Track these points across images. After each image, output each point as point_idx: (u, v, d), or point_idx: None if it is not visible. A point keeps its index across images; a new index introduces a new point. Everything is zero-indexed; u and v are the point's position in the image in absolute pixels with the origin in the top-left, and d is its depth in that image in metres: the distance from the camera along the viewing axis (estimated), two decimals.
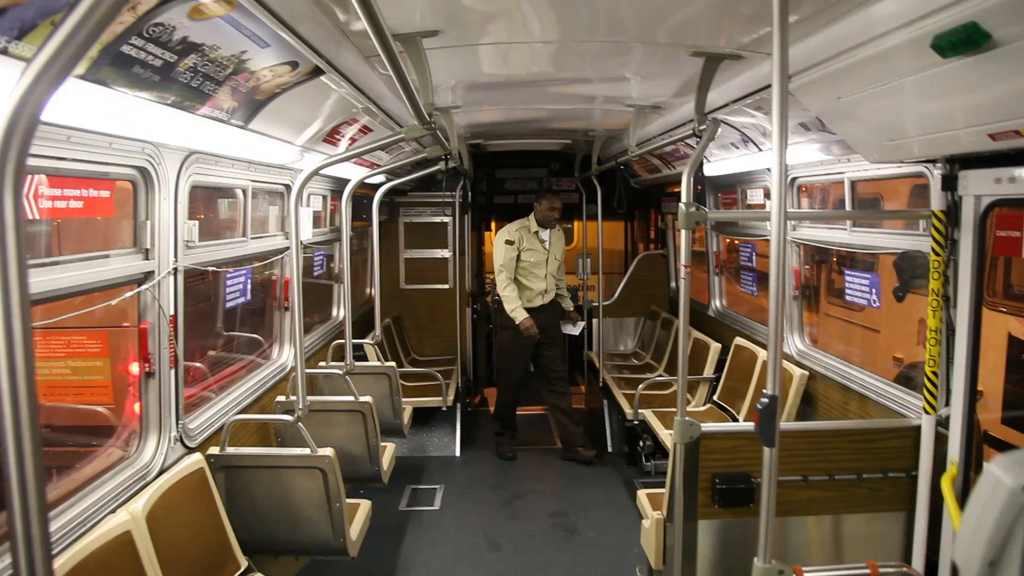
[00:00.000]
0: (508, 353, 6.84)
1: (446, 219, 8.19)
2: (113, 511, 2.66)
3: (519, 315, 6.49)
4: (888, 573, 2.33)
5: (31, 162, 2.25)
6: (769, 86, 3.02)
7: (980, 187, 2.84)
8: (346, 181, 5.37)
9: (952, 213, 3.00)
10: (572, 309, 7.18)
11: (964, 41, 1.89)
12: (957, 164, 2.95)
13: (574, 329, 7.21)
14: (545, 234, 6.72)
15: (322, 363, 5.38)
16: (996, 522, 1.19)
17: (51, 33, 0.92)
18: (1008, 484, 1.16)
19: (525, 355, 6.76)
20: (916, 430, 3.19)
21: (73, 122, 2.24)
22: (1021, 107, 2.07)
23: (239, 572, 3.18)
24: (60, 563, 2.21)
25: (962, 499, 2.91)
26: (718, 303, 6.82)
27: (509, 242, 6.58)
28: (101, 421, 3.37)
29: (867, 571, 2.19)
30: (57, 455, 3.24)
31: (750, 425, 2.41)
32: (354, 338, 5.31)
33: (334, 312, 6.62)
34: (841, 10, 2.27)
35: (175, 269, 3.17)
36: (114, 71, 2.00)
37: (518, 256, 6.58)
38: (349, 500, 3.72)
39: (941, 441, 3.09)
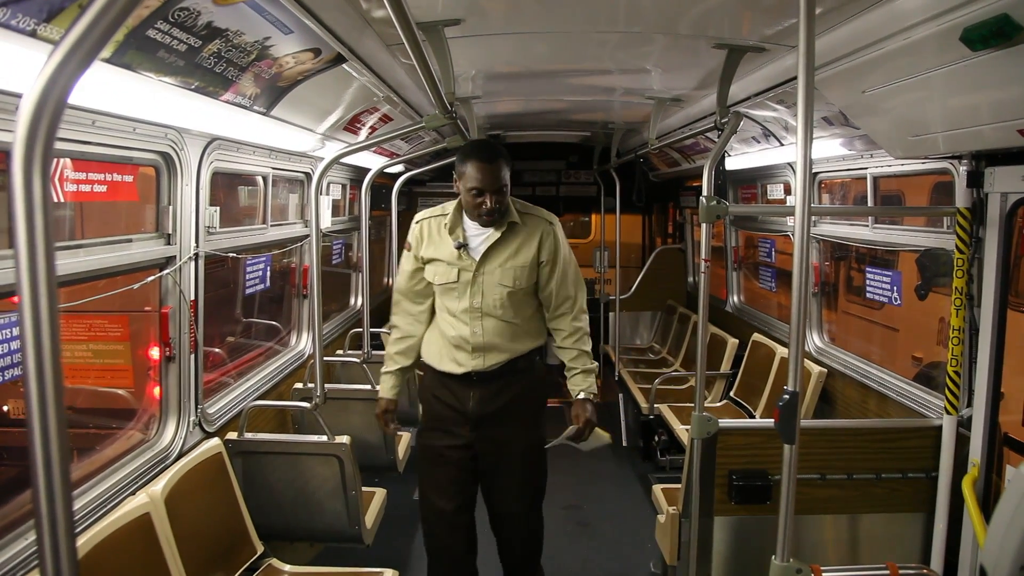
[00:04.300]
0: (420, 468, 3.41)
1: None
2: (132, 493, 2.69)
3: (381, 388, 3.41)
4: (908, 574, 2.31)
5: (57, 146, 2.28)
6: (792, 79, 3.00)
7: (1007, 184, 2.79)
8: (366, 170, 5.38)
9: (977, 210, 2.96)
10: (580, 396, 3.31)
11: (995, 34, 1.85)
12: (983, 160, 2.91)
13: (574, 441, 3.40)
14: (477, 233, 3.19)
15: (339, 351, 5.40)
16: None
17: (79, 15, 0.92)
18: None
19: (448, 473, 3.30)
20: (937, 430, 3.15)
21: (98, 106, 2.25)
22: None
23: (255, 557, 3.21)
24: (81, 542, 2.23)
25: (983, 501, 2.88)
26: (736, 299, 6.77)
27: (408, 247, 3.35)
28: (121, 404, 3.41)
29: (887, 572, 2.17)
30: (78, 436, 3.29)
31: (768, 422, 2.40)
32: (372, 327, 5.33)
33: (352, 300, 6.64)
34: (868, 2, 2.24)
35: (196, 254, 3.20)
36: (139, 55, 2.01)
37: (421, 270, 3.29)
38: (364, 488, 3.74)
39: (962, 442, 3.06)
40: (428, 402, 3.37)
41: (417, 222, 3.31)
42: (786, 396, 1.69)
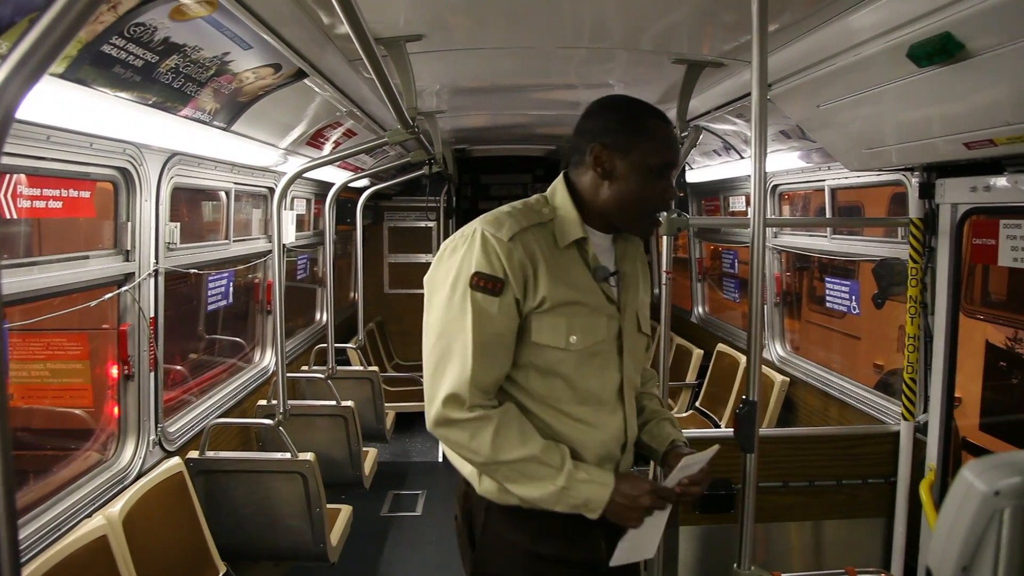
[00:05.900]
0: None
1: (430, 224, 8.19)
2: (89, 515, 2.63)
3: (598, 482, 1.71)
4: None
5: (9, 161, 2.24)
6: (750, 94, 3.06)
7: (957, 195, 2.87)
8: (330, 185, 5.36)
9: (929, 221, 3.04)
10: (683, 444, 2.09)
11: (939, 51, 1.91)
12: (934, 172, 2.99)
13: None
14: (606, 247, 1.88)
15: (304, 367, 5.35)
16: (969, 527, 1.19)
17: (25, 30, 0.91)
18: (980, 489, 1.16)
19: None
20: (895, 436, 3.21)
21: (53, 121, 2.21)
22: (994, 116, 2.10)
23: None
24: (33, 567, 2.18)
25: (940, 504, 2.93)
26: (700, 309, 6.85)
27: (486, 283, 1.70)
28: (79, 424, 3.34)
29: None
30: (34, 458, 3.20)
31: (731, 431, 2.43)
32: (337, 342, 5.29)
33: (317, 316, 6.59)
34: (820, 19, 2.30)
35: (156, 271, 3.15)
36: (94, 71, 1.98)
37: (527, 324, 1.73)
38: (330, 505, 3.70)
39: (919, 447, 3.12)
40: (521, 568, 1.85)
41: (512, 236, 1.73)
42: (744, 405, 1.71)
